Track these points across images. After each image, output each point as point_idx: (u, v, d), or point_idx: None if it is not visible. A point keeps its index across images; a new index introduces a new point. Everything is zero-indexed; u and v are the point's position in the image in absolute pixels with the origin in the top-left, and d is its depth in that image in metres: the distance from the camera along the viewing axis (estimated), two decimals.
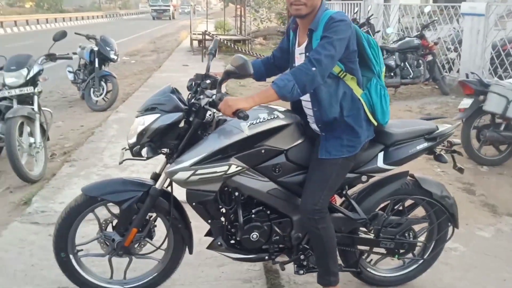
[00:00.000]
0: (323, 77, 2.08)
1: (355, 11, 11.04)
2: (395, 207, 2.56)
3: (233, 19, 18.52)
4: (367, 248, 2.58)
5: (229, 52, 13.80)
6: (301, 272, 2.46)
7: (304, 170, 2.31)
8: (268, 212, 2.34)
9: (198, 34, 14.72)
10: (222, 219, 2.35)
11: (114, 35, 8.78)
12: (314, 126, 2.33)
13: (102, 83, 7.01)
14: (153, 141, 2.19)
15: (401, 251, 2.58)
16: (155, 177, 2.36)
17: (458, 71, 8.24)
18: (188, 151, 2.18)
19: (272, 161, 2.26)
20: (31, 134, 4.22)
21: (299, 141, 2.31)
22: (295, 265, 2.47)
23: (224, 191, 2.29)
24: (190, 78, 2.42)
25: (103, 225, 2.42)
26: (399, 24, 10.79)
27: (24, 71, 4.18)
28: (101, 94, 7.02)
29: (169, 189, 2.37)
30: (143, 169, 4.37)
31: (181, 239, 2.45)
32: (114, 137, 5.45)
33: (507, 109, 4.34)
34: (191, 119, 2.20)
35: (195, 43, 14.99)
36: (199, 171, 2.13)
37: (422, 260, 2.68)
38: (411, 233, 2.60)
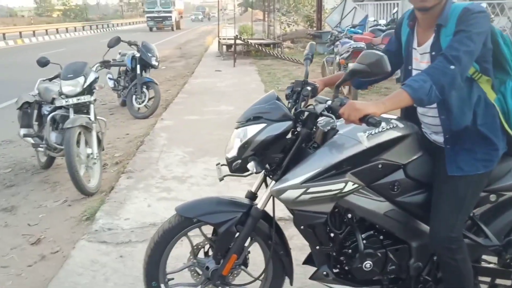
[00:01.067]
0: (462, 76, 1.78)
1: (393, 12, 10.72)
2: None
3: (255, 24, 18.37)
4: (488, 279, 2.24)
5: (259, 56, 13.62)
6: None
7: (424, 188, 2.01)
8: (381, 237, 2.05)
9: (229, 39, 14.52)
10: (330, 244, 2.05)
11: None
12: (434, 137, 2.04)
13: (144, 90, 6.82)
14: (256, 154, 1.91)
15: None
16: (252, 196, 2.10)
17: None
18: (296, 166, 1.91)
19: (389, 178, 1.96)
20: (87, 144, 4.02)
21: (419, 154, 2.00)
22: None
23: (334, 212, 2.00)
24: (288, 85, 2.15)
25: (194, 250, 2.16)
26: None
27: (81, 79, 3.97)
28: (143, 101, 6.83)
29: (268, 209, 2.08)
30: (202, 181, 4.14)
31: (281, 267, 2.16)
32: (165, 146, 5.23)
33: None
34: (298, 129, 1.93)
35: (224, 48, 14.82)
36: (311, 189, 1.86)
37: None
38: None
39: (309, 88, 2.05)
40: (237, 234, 2.05)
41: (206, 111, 6.96)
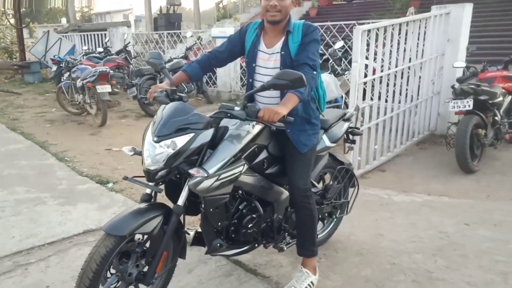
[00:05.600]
0: (318, 79, 2.48)
1: (106, 40, 11.75)
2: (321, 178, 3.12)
3: None
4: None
5: None
6: (285, 248, 2.76)
7: (278, 160, 2.63)
8: (253, 204, 2.55)
9: None
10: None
11: None
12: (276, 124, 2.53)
13: None
14: (185, 161, 2.20)
15: (334, 212, 3.13)
16: (148, 198, 2.36)
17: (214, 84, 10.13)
18: (206, 161, 2.24)
19: (260, 157, 2.51)
20: None
21: (272, 138, 2.59)
22: (279, 244, 2.75)
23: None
24: (159, 95, 2.46)
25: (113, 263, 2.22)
26: (133, 50, 11.99)
27: None
28: None
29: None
30: (3, 213, 3.95)
31: (182, 248, 2.46)
32: None
33: None
34: None
35: None
36: (221, 176, 2.23)
37: (336, 218, 3.22)
38: (337, 196, 3.09)
39: (183, 94, 2.43)
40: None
41: None
